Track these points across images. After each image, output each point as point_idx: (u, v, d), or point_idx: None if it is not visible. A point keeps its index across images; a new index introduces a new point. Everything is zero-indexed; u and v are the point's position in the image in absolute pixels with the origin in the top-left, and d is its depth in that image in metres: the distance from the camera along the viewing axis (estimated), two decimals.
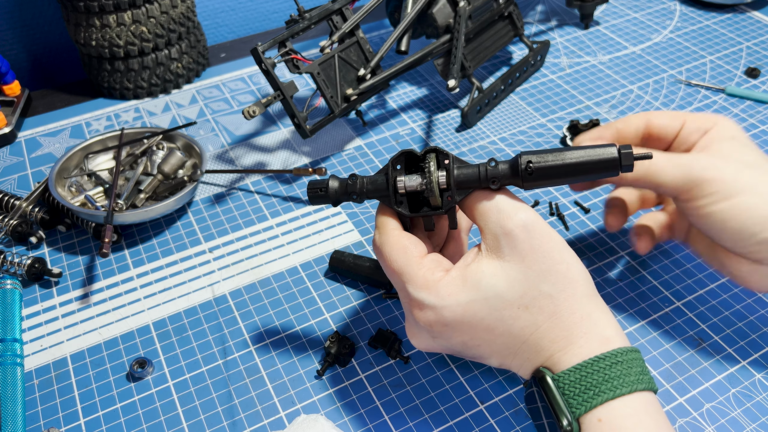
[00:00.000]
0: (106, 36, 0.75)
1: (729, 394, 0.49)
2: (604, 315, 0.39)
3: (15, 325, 0.54)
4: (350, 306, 0.56)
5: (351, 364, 0.52)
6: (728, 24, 0.90)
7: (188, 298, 0.57)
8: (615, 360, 0.37)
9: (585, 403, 0.36)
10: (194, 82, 0.84)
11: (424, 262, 0.41)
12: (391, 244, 0.41)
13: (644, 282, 0.57)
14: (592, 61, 0.85)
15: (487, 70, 0.84)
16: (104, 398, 0.50)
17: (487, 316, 0.39)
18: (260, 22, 1.01)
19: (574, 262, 0.40)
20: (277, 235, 0.63)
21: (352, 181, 0.43)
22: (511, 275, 0.39)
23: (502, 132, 0.74)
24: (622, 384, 0.36)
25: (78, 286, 0.59)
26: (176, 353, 0.53)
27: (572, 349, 0.38)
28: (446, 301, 0.39)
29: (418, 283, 0.40)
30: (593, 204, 0.65)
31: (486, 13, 0.75)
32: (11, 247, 0.62)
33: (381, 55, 0.69)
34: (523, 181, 0.40)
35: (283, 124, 0.77)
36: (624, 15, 0.94)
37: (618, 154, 0.38)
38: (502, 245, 0.39)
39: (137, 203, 0.62)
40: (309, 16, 0.66)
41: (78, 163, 0.67)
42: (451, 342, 0.41)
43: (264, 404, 0.49)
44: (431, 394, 0.49)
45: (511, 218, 0.39)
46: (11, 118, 0.77)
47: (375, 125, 0.76)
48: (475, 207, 0.41)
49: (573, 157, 0.39)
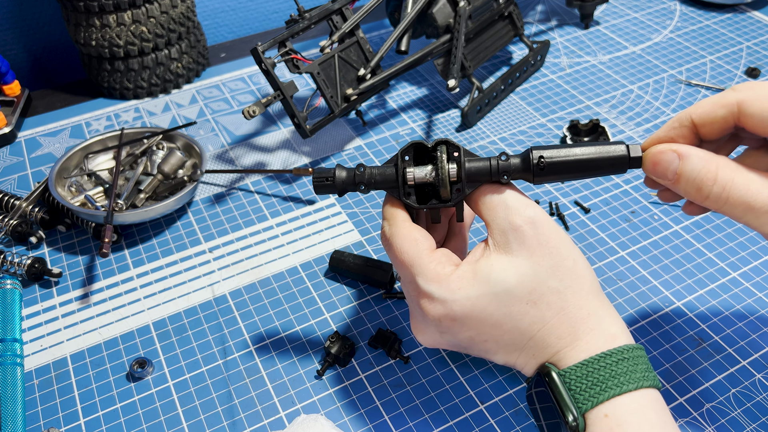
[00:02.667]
0: (106, 36, 0.75)
1: (729, 394, 0.49)
2: (609, 312, 0.40)
3: (15, 325, 0.54)
4: (350, 306, 0.56)
5: (351, 364, 0.52)
6: (728, 24, 0.90)
7: (188, 298, 0.57)
8: (622, 356, 0.37)
9: (591, 398, 0.36)
10: (194, 82, 0.84)
11: (434, 255, 0.41)
12: (402, 236, 0.41)
13: (644, 282, 0.57)
14: (592, 61, 0.85)
15: (487, 70, 0.84)
16: (104, 398, 0.50)
17: (496, 312, 0.39)
18: (260, 22, 1.01)
19: (580, 258, 0.40)
20: (277, 235, 0.63)
21: (361, 171, 0.42)
22: (521, 271, 0.39)
23: (502, 132, 0.74)
24: (628, 380, 0.37)
25: (78, 286, 0.59)
26: (176, 353, 0.53)
27: (579, 345, 0.38)
28: (456, 294, 0.39)
29: (429, 276, 0.40)
30: (593, 204, 0.65)
31: (486, 13, 0.75)
32: (11, 247, 0.62)
33: (381, 55, 0.69)
34: (534, 175, 0.40)
35: (283, 124, 0.77)
36: (624, 15, 0.94)
37: (627, 151, 0.39)
38: (510, 240, 0.39)
39: (137, 203, 0.62)
40: (309, 16, 0.66)
41: (78, 163, 0.67)
42: (458, 337, 0.41)
43: (264, 404, 0.49)
44: (431, 394, 0.49)
45: (519, 214, 0.39)
46: (11, 118, 0.77)
47: (375, 125, 0.76)
48: (482, 201, 0.41)
49: (583, 154, 0.40)
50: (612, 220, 0.63)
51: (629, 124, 0.74)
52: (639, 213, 0.63)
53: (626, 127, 0.74)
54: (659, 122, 0.74)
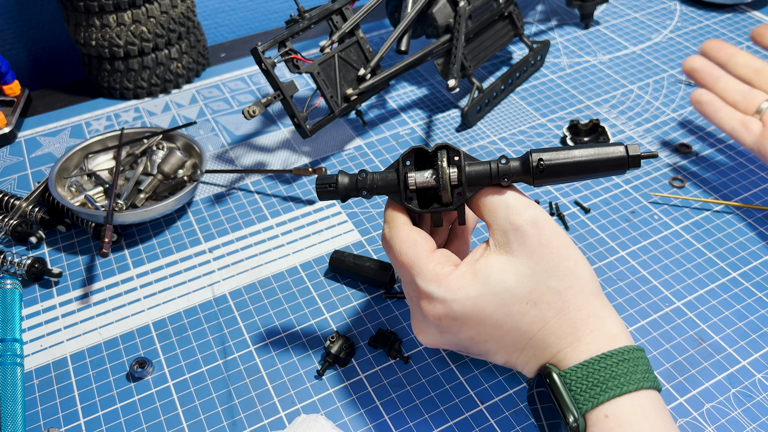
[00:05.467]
0: (106, 36, 0.75)
1: (729, 394, 0.49)
2: (610, 313, 0.40)
3: (15, 325, 0.54)
4: (350, 306, 0.56)
5: (351, 364, 0.52)
6: (728, 24, 0.90)
7: (188, 298, 0.57)
8: (622, 357, 0.37)
9: (592, 399, 0.36)
10: (194, 82, 0.84)
11: (433, 256, 0.41)
12: (402, 238, 0.42)
13: (644, 282, 0.57)
14: (592, 61, 0.85)
15: (487, 70, 0.84)
16: (104, 398, 0.50)
17: (496, 311, 0.39)
18: (260, 22, 1.01)
19: (581, 259, 0.40)
20: (277, 235, 0.63)
21: (362, 177, 0.43)
22: (520, 270, 0.39)
23: (502, 132, 0.74)
24: (628, 381, 0.37)
25: (78, 286, 0.59)
26: (176, 353, 0.53)
27: (579, 346, 0.38)
28: (456, 294, 0.39)
29: (428, 277, 0.40)
30: (593, 204, 0.65)
31: (486, 12, 0.75)
32: (11, 247, 0.62)
33: (381, 55, 0.69)
34: (533, 178, 0.40)
35: (283, 124, 0.77)
36: (624, 15, 0.94)
37: (626, 152, 0.39)
38: (511, 241, 0.39)
39: (137, 203, 0.62)
40: (309, 16, 0.66)
41: (78, 163, 0.67)
42: (458, 337, 0.41)
43: (264, 404, 0.49)
44: (431, 394, 0.49)
45: (520, 214, 0.39)
46: (11, 118, 0.76)
47: (375, 125, 0.76)
48: (483, 203, 0.41)
49: (582, 155, 0.40)
50: (612, 220, 0.63)
51: (629, 124, 0.74)
52: (639, 213, 0.63)
53: (626, 127, 0.74)
54: (659, 122, 0.74)
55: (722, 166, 0.68)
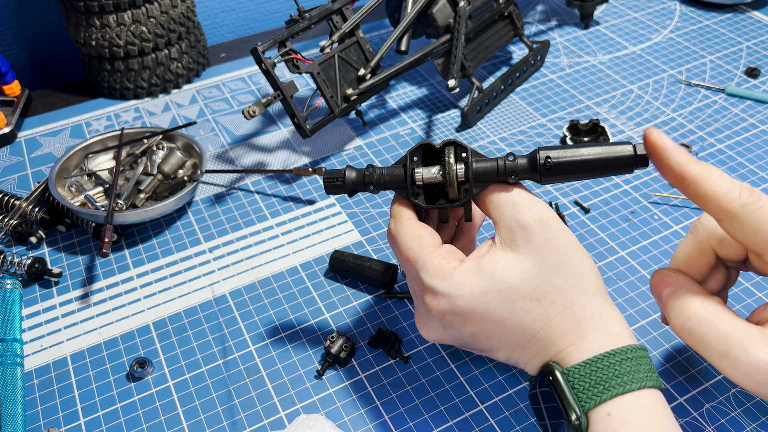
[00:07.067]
0: (106, 36, 0.75)
1: (729, 394, 0.49)
2: (613, 312, 0.40)
3: (15, 325, 0.54)
4: (350, 306, 0.56)
5: (351, 364, 0.52)
6: (728, 24, 0.90)
7: (188, 298, 0.57)
8: (625, 356, 0.37)
9: (595, 397, 0.36)
10: (194, 82, 0.84)
11: (438, 251, 0.41)
12: (407, 233, 0.42)
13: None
14: (592, 61, 0.85)
15: (487, 70, 0.84)
16: (104, 398, 0.50)
17: (499, 308, 0.39)
18: (260, 22, 1.01)
19: (586, 258, 0.40)
20: (277, 235, 0.63)
21: (370, 172, 0.43)
22: (525, 268, 0.39)
23: (502, 132, 0.74)
24: (631, 380, 0.37)
25: (78, 286, 0.59)
26: (176, 353, 0.53)
27: (582, 344, 0.38)
28: (460, 289, 0.39)
29: (433, 271, 0.40)
30: (593, 204, 0.65)
31: (486, 12, 0.75)
32: (11, 247, 0.62)
33: (381, 55, 0.69)
34: (540, 176, 0.40)
35: (283, 124, 0.77)
36: (624, 15, 0.94)
37: (634, 151, 0.39)
38: (517, 238, 0.39)
39: (137, 203, 0.62)
40: (309, 16, 0.66)
41: (78, 163, 0.67)
42: (461, 332, 0.41)
43: (264, 404, 0.49)
44: (431, 394, 0.49)
45: (526, 212, 0.39)
46: (11, 118, 0.77)
47: (375, 125, 0.76)
48: (489, 200, 0.41)
49: (590, 154, 0.40)
50: (612, 220, 0.63)
51: (629, 124, 0.74)
52: (639, 213, 0.63)
53: (626, 127, 0.74)
54: (659, 122, 0.74)
55: (722, 166, 0.68)
